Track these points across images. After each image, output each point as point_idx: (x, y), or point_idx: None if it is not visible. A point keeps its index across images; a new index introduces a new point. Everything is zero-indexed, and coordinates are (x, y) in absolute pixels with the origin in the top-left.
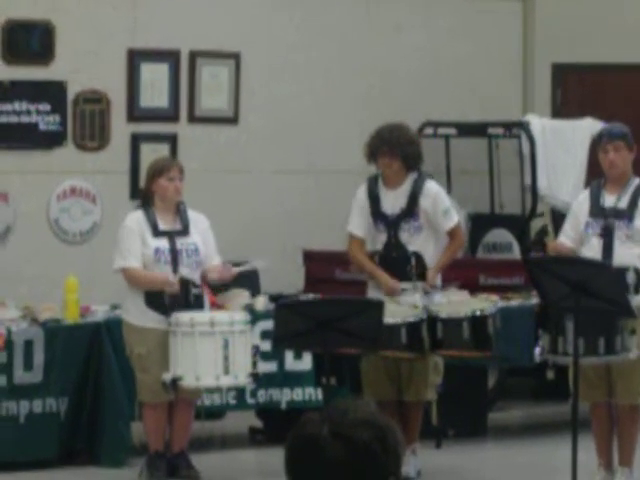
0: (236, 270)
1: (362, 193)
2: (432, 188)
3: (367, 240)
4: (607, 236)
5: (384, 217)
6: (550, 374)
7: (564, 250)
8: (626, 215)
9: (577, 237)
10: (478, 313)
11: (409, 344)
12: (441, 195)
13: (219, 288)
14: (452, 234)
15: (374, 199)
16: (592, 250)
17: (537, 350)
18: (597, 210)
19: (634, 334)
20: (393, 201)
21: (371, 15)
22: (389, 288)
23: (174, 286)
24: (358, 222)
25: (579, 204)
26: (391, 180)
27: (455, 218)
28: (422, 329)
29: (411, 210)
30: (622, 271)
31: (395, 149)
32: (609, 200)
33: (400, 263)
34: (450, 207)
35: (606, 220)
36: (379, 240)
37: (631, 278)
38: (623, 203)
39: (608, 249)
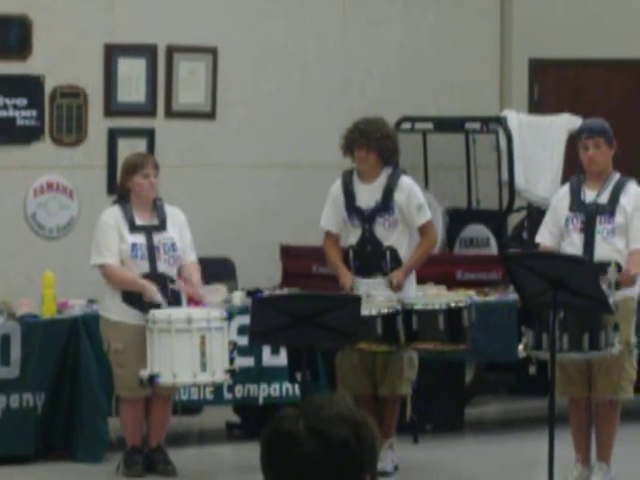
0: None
1: (336, 188)
2: (407, 183)
3: (341, 235)
4: (588, 231)
5: (359, 211)
6: (532, 369)
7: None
8: (607, 210)
9: (558, 232)
10: (453, 305)
11: (384, 336)
12: (415, 190)
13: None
14: (423, 231)
15: (349, 193)
16: (573, 246)
17: (520, 346)
18: (577, 205)
19: (617, 330)
20: (368, 195)
21: (349, 10)
22: (341, 285)
23: (153, 294)
24: (331, 217)
25: (559, 199)
26: (366, 174)
27: (428, 215)
28: (397, 321)
29: (386, 204)
30: (601, 267)
31: (372, 142)
32: (589, 195)
33: (374, 258)
34: (424, 203)
35: (587, 215)
36: (354, 234)
37: (612, 273)
38: (603, 198)
39: (589, 244)
